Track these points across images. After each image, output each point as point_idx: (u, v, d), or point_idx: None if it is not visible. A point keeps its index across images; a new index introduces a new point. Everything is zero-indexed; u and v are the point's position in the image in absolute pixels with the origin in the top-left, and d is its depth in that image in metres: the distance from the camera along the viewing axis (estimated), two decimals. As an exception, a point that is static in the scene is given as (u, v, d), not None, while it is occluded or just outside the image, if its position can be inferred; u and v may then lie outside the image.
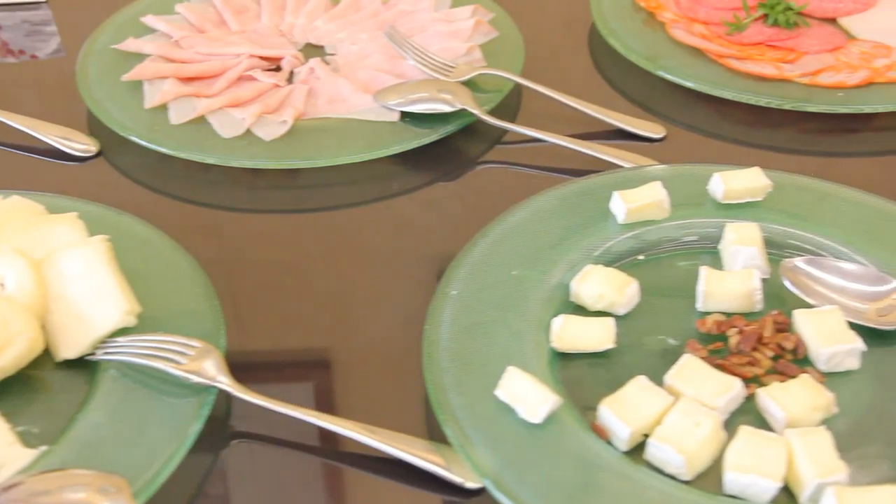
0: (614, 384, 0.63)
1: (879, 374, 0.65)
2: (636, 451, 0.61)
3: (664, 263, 0.74)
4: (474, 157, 0.90)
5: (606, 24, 1.01)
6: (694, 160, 0.84)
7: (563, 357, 0.67)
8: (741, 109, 0.93)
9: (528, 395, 0.60)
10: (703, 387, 0.61)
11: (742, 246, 0.71)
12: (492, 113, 0.90)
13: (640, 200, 0.75)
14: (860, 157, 0.91)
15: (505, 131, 0.91)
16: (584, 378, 0.65)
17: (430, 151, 0.89)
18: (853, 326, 0.66)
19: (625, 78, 0.99)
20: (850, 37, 1.01)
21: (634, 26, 1.02)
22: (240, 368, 0.65)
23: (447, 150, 0.90)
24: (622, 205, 0.75)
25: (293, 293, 0.76)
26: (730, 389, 0.61)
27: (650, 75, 0.96)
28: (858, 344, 0.64)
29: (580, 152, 0.86)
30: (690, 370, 0.62)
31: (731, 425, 0.61)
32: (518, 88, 0.95)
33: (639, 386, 0.62)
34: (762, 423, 0.62)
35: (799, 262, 0.70)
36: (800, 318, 0.66)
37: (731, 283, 0.69)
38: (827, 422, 0.62)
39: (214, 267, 0.75)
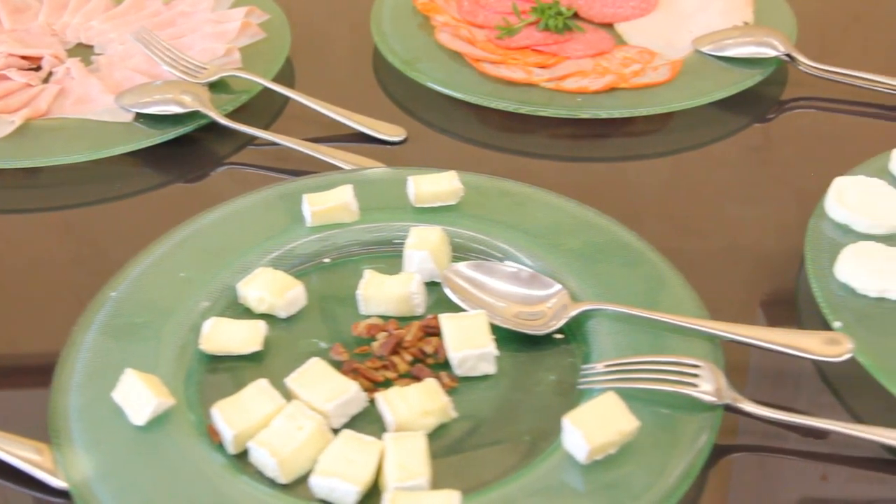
0: (253, 387, 0.63)
1: (515, 379, 0.65)
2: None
3: (350, 267, 0.74)
4: (221, 157, 0.91)
5: (380, 26, 1.02)
6: (433, 163, 0.84)
7: (214, 360, 0.67)
8: (499, 114, 0.93)
9: (136, 397, 0.60)
10: (317, 390, 0.61)
11: (415, 250, 0.71)
12: (240, 115, 0.90)
13: (326, 203, 0.75)
14: (605, 161, 0.91)
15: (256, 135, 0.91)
16: (227, 381, 0.65)
17: (174, 152, 0.90)
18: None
19: (394, 81, 0.99)
20: (621, 42, 1.01)
21: (408, 30, 1.01)
22: None
23: (192, 151, 0.91)
24: (308, 208, 0.75)
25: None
26: (343, 393, 0.61)
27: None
28: (490, 349, 0.64)
29: (328, 155, 0.87)
30: (312, 374, 0.62)
31: (353, 429, 0.61)
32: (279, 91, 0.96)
33: (257, 389, 0.62)
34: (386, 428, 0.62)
35: (462, 266, 0.70)
36: (444, 322, 0.66)
37: (390, 286, 0.69)
38: (445, 426, 0.62)
39: None
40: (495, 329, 0.67)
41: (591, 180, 0.89)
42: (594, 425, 0.57)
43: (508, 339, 0.67)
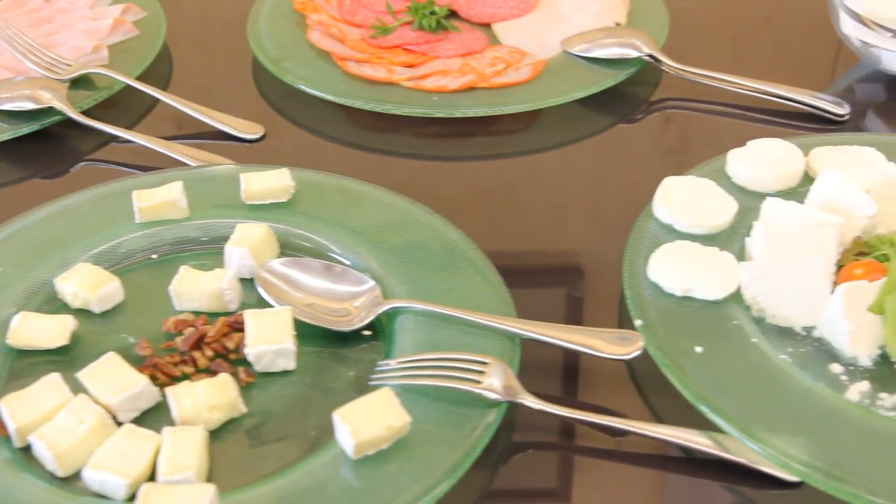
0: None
1: (315, 375, 0.65)
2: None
3: (176, 264, 0.73)
4: (82, 154, 0.91)
5: (256, 24, 1.02)
6: (294, 162, 0.84)
7: (22, 354, 0.67)
8: (366, 114, 0.93)
9: None
10: (106, 385, 0.61)
11: (234, 247, 0.72)
12: (109, 112, 0.91)
13: (153, 200, 0.75)
14: (465, 161, 0.91)
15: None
16: (31, 375, 0.65)
17: (35, 148, 0.90)
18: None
19: (266, 79, 0.99)
20: (495, 42, 1.02)
21: (283, 29, 1.02)
22: None
23: (53, 148, 0.91)
24: (136, 204, 0.75)
25: None
26: (131, 387, 0.61)
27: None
28: (287, 345, 0.64)
29: (179, 152, 0.87)
30: (104, 368, 0.63)
31: (144, 423, 0.61)
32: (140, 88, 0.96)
33: (47, 383, 0.62)
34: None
35: (275, 263, 0.70)
36: (248, 318, 0.66)
37: (202, 283, 0.69)
38: (235, 421, 0.62)
39: None
40: (305, 326, 0.67)
41: (447, 179, 0.89)
42: (363, 420, 0.57)
43: (317, 335, 0.68)
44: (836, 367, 0.64)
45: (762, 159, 0.78)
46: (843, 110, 0.90)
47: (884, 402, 0.62)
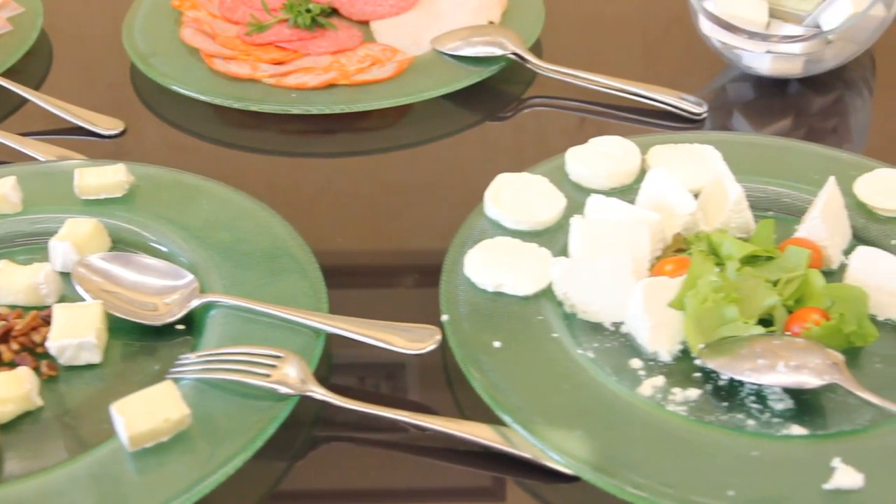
0: None
1: (121, 369, 0.66)
2: None
3: (6, 258, 0.73)
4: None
5: (132, 21, 1.02)
6: (156, 160, 0.84)
7: None
8: (234, 111, 0.93)
9: None
10: None
11: (58, 241, 0.72)
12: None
13: (-17, 195, 0.76)
14: (327, 157, 0.92)
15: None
16: None
17: None
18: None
19: (141, 75, 0.99)
20: (371, 40, 1.02)
21: (159, 26, 1.02)
22: None
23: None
24: (-33, 199, 0.76)
25: None
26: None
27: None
28: (89, 338, 0.64)
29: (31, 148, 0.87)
30: None
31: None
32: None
33: None
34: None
35: (94, 258, 0.71)
36: (56, 312, 0.66)
37: (18, 277, 0.69)
38: (31, 414, 0.62)
39: None
40: (122, 320, 0.68)
41: (304, 176, 0.90)
42: (139, 413, 0.58)
43: (133, 329, 0.68)
44: (636, 363, 0.64)
45: (598, 157, 0.79)
46: (700, 109, 0.90)
47: (675, 398, 0.62)
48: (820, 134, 0.93)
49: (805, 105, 0.96)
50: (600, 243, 0.69)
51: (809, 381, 0.60)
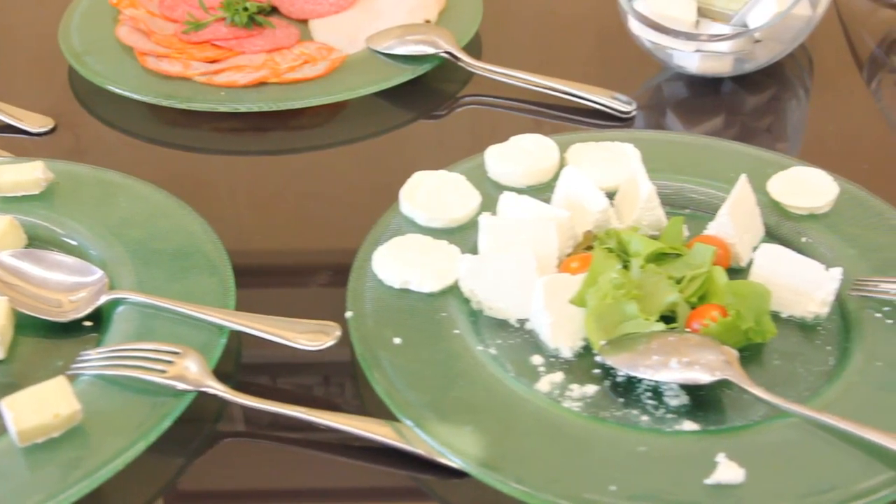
0: None
1: (25, 365, 0.66)
2: None
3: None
4: None
5: (70, 20, 1.02)
6: (87, 158, 0.84)
7: None
8: (167, 110, 0.93)
9: None
10: None
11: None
12: None
13: None
14: (258, 155, 0.92)
15: None
16: None
17: None
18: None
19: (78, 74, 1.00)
20: (308, 38, 1.02)
21: (98, 24, 1.02)
22: None
23: None
24: None
25: None
26: None
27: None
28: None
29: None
30: None
31: None
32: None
33: None
34: None
35: (4, 254, 0.71)
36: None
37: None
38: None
39: None
40: (27, 317, 0.68)
41: (233, 173, 0.90)
42: (29, 408, 0.58)
43: (41, 326, 0.68)
44: (537, 359, 0.65)
45: (517, 155, 0.79)
46: (629, 108, 0.91)
47: (572, 394, 0.62)
48: (752, 133, 0.94)
49: (737, 104, 0.96)
50: (508, 240, 0.70)
51: (701, 377, 0.60)
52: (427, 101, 0.97)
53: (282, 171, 0.90)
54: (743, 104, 0.96)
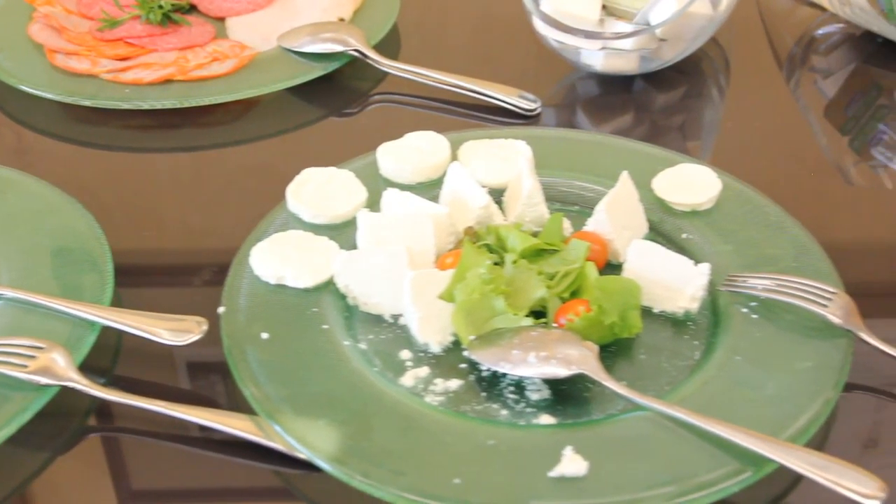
0: None
1: None
2: None
3: None
4: None
5: (-14, 18, 1.03)
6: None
7: None
8: (76, 107, 0.93)
9: None
10: None
11: None
12: None
13: None
14: (165, 152, 0.92)
15: None
16: None
17: None
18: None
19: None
20: (223, 36, 1.02)
21: (12, 21, 1.02)
22: None
23: None
24: None
25: None
26: None
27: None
28: None
29: None
30: None
31: None
32: None
33: None
34: None
35: None
36: None
37: None
38: None
39: None
40: None
41: (137, 171, 0.90)
42: None
43: None
44: (405, 354, 0.65)
45: (407, 152, 0.79)
46: (534, 105, 0.91)
47: (436, 388, 0.63)
48: (661, 131, 0.94)
49: (648, 102, 0.97)
50: (385, 236, 0.70)
51: (557, 371, 0.60)
52: (340, 99, 0.98)
53: (189, 168, 0.90)
54: (653, 102, 0.97)
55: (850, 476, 0.53)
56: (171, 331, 0.64)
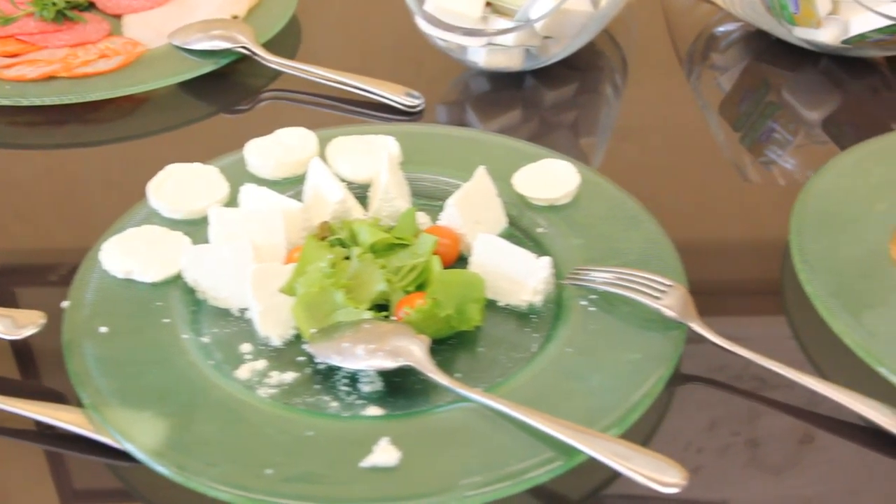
0: None
1: None
2: None
3: None
4: None
5: None
6: None
7: None
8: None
9: None
10: None
11: None
12: None
13: None
14: (49, 149, 0.92)
15: None
16: None
17: None
18: None
19: None
20: (118, 34, 1.03)
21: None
22: None
23: None
24: None
25: None
26: None
27: None
28: None
29: None
30: None
31: None
32: None
33: None
34: None
35: None
36: None
37: None
38: None
39: None
40: None
41: (14, 168, 0.90)
42: None
43: None
44: (246, 347, 0.65)
45: (274, 148, 0.80)
46: (416, 102, 0.92)
47: (270, 381, 0.63)
48: (550, 128, 0.94)
49: (537, 100, 0.97)
50: (236, 231, 0.70)
51: (384, 363, 0.61)
52: (232, 96, 0.98)
53: (69, 165, 0.90)
54: (542, 100, 0.97)
55: (653, 465, 0.53)
56: (8, 325, 0.64)
